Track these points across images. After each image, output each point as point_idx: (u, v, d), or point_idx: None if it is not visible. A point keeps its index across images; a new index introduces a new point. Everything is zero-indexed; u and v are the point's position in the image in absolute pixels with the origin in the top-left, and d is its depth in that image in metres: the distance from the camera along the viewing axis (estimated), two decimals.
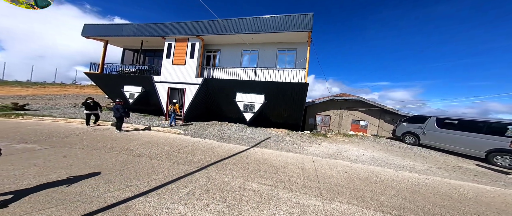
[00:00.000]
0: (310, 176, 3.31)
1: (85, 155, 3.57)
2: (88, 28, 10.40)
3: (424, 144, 6.75)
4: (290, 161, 4.19)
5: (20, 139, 4.35)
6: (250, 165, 3.72)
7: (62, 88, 24.31)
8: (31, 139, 4.40)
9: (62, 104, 12.73)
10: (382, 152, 5.77)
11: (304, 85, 7.50)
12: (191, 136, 6.33)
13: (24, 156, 3.30)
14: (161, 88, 9.54)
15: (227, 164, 3.69)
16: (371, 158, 4.91)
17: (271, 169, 3.55)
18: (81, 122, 7.10)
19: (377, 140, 8.17)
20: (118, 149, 4.13)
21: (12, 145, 3.92)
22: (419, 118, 7.26)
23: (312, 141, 6.87)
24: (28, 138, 4.48)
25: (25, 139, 4.38)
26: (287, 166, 3.79)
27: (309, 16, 7.09)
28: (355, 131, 12.44)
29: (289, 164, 3.93)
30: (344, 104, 12.96)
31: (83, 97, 18.29)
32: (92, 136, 5.14)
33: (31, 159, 3.18)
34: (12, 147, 3.74)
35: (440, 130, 6.25)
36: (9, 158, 3.15)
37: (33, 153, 3.49)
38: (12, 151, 3.52)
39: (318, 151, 5.37)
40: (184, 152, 4.32)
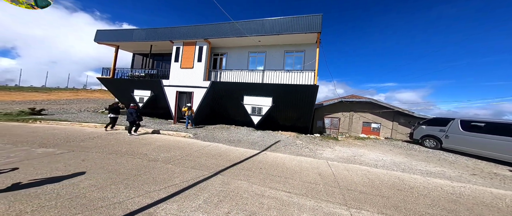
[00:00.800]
0: (329, 182, 3.21)
1: (102, 159, 3.67)
2: (100, 34, 10.91)
3: (447, 147, 6.41)
4: (305, 165, 4.09)
5: (40, 143, 4.55)
6: (264, 170, 3.67)
7: (75, 93, 25.48)
8: (50, 143, 4.59)
9: (76, 108, 13.31)
10: (402, 156, 5.53)
11: (313, 88, 7.40)
12: (201, 139, 6.38)
13: (45, 160, 3.43)
14: (170, 92, 9.76)
15: (241, 169, 3.65)
16: (392, 163, 4.71)
17: (287, 174, 3.47)
18: (95, 126, 7.36)
19: (393, 143, 7.86)
20: (133, 153, 4.22)
21: (32, 149, 4.11)
22: (440, 120, 6.92)
23: (324, 145, 6.71)
24: (47, 142, 4.68)
25: (44, 143, 4.58)
26: (303, 171, 3.70)
27: (318, 18, 7.06)
28: (367, 133, 12.06)
29: (305, 169, 3.83)
30: (354, 106, 12.65)
31: (94, 101, 19.06)
32: (106, 140, 5.29)
33: (52, 163, 3.30)
34: (32, 151, 3.91)
35: (465, 133, 5.92)
36: (31, 162, 3.29)
37: (53, 157, 3.63)
38: (34, 155, 3.67)
39: (332, 155, 5.23)
40: (196, 156, 4.34)
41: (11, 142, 4.56)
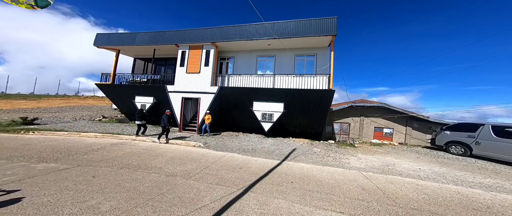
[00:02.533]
0: (381, 198, 2.95)
1: (115, 175, 3.33)
2: (100, 37, 10.72)
3: (478, 154, 6.25)
4: (338, 177, 3.84)
5: (38, 158, 4.17)
6: (297, 184, 3.41)
7: (66, 100, 24.78)
8: (50, 157, 4.21)
9: (70, 117, 12.77)
10: (437, 165, 5.34)
11: (329, 92, 7.30)
12: (213, 149, 6.08)
13: (50, 178, 3.08)
14: (175, 98, 9.48)
15: (270, 183, 3.38)
16: (434, 173, 4.50)
17: (325, 189, 3.22)
18: (95, 136, 6.97)
19: (414, 149, 7.71)
20: (146, 167, 3.89)
21: (31, 164, 3.73)
22: (466, 125, 6.84)
23: (344, 152, 6.49)
24: (46, 156, 4.29)
25: (44, 157, 4.20)
26: (341, 185, 3.44)
27: (333, 20, 7.10)
28: (379, 139, 11.94)
29: (341, 182, 3.58)
30: (365, 111, 12.61)
31: (89, 109, 18.47)
32: (113, 152, 4.93)
33: (59, 181, 2.96)
34: (33, 167, 3.54)
35: (499, 139, 5.80)
36: (34, 180, 2.93)
37: (59, 173, 3.28)
38: (34, 172, 3.31)
39: (360, 164, 5.01)
40: (215, 169, 4.05)
41: (5, 156, 4.16)
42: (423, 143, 11.14)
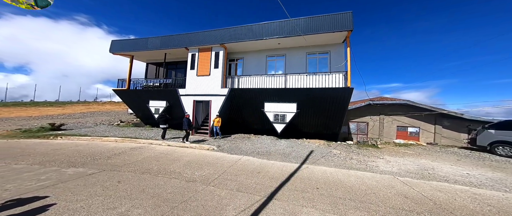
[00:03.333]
0: (435, 210, 2.62)
1: (138, 180, 3.46)
2: (115, 44, 11.36)
3: None
4: (370, 183, 3.60)
5: (68, 162, 4.48)
6: (324, 190, 3.25)
7: (87, 106, 26.71)
8: (77, 162, 4.51)
9: (91, 122, 13.72)
10: (488, 170, 4.82)
11: (347, 91, 6.97)
12: (227, 152, 6.10)
13: (80, 182, 3.28)
14: (187, 101, 9.73)
15: (294, 189, 3.27)
16: (489, 180, 4.05)
17: (358, 196, 3.01)
18: (115, 140, 7.37)
19: (449, 150, 7.07)
20: (165, 172, 3.99)
21: (62, 169, 4.01)
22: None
23: (367, 154, 6.15)
24: (74, 161, 4.60)
25: (72, 162, 4.50)
26: (376, 192, 3.20)
27: (348, 15, 6.78)
28: (403, 138, 11.18)
29: (375, 189, 3.34)
30: (385, 109, 11.90)
31: (107, 114, 19.75)
32: (133, 156, 5.16)
33: (88, 186, 3.13)
34: (63, 172, 3.80)
35: None
36: (67, 185, 3.13)
37: (87, 178, 3.48)
38: (66, 177, 3.55)
39: (392, 167, 4.69)
40: (233, 174, 4.03)
41: (38, 162, 4.53)
42: (457, 143, 10.20)
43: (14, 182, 3.23)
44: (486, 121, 9.60)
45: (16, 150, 5.58)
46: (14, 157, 4.85)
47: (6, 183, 3.17)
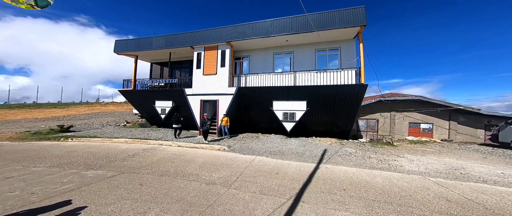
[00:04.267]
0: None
1: (158, 183, 3.53)
2: (119, 44, 11.41)
3: None
4: (402, 184, 3.54)
5: (85, 165, 4.59)
6: (352, 192, 3.23)
7: (90, 107, 27.11)
8: (95, 164, 4.61)
9: (97, 123, 13.96)
10: None
11: (361, 87, 6.92)
12: (239, 152, 6.16)
13: (103, 185, 3.36)
14: (193, 101, 9.79)
15: (319, 191, 3.26)
16: None
17: (393, 199, 2.93)
18: (125, 141, 7.50)
19: (470, 147, 7.01)
20: (183, 174, 4.06)
21: (82, 172, 4.12)
22: None
23: (385, 152, 6.14)
24: (91, 163, 4.71)
25: (89, 164, 4.61)
26: (412, 194, 3.12)
27: (361, 10, 6.67)
28: (415, 135, 11.10)
29: (409, 190, 3.27)
30: (396, 105, 11.78)
31: (111, 114, 20.05)
32: (147, 158, 5.26)
33: (112, 189, 3.21)
34: (84, 175, 3.91)
35: None
36: (91, 188, 3.22)
37: (109, 181, 3.57)
38: (87, 180, 3.64)
39: (418, 167, 4.64)
40: (251, 175, 4.07)
41: (56, 164, 4.65)
42: (474, 139, 10.09)
43: (38, 185, 3.33)
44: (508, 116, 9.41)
45: (31, 153, 5.73)
46: (31, 159, 4.99)
47: (30, 187, 3.28)
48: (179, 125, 8.24)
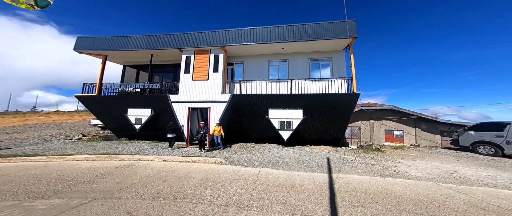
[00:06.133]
0: None
1: (154, 209, 2.72)
2: (82, 41, 9.75)
3: (510, 154, 6.72)
4: (423, 192, 3.55)
5: (27, 193, 3.28)
6: (385, 203, 3.06)
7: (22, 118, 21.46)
8: (44, 191, 3.34)
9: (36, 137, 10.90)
10: (495, 170, 5.39)
11: (354, 96, 7.51)
12: (239, 165, 5.59)
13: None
14: (180, 109, 8.80)
15: (351, 205, 2.98)
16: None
17: (432, 210, 2.85)
18: (86, 158, 5.93)
19: (440, 151, 8.04)
20: (182, 195, 3.29)
21: (25, 203, 2.89)
22: (491, 125, 7.47)
23: (380, 158, 6.53)
24: (37, 190, 3.40)
25: (35, 192, 3.31)
26: (443, 204, 3.09)
27: (352, 23, 7.57)
28: (391, 141, 12.50)
29: (437, 199, 3.27)
30: (374, 114, 13.28)
31: (56, 126, 16.13)
32: (126, 178, 4.16)
33: None
34: (30, 208, 2.73)
35: None
36: None
37: (77, 213, 2.55)
38: (38, 214, 2.54)
39: (420, 172, 4.93)
40: (265, 191, 3.60)
41: None
42: (433, 143, 11.99)
43: None
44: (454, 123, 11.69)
45: None
46: None
47: None
48: (174, 134, 7.86)
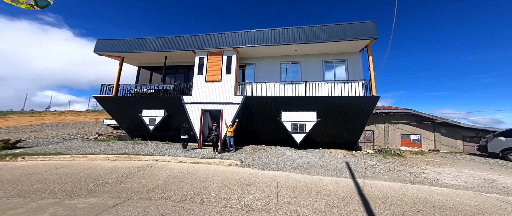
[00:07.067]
0: None
1: (185, 213, 2.83)
2: (102, 43, 10.22)
3: None
4: (470, 203, 3.34)
5: (64, 191, 3.51)
6: (429, 214, 2.95)
7: (38, 117, 22.67)
8: (78, 190, 3.56)
9: (54, 136, 11.51)
10: None
11: (373, 99, 7.41)
12: (255, 167, 5.67)
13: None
14: (193, 110, 9.02)
15: (388, 214, 2.92)
16: None
17: None
18: (107, 158, 6.22)
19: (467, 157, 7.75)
20: (208, 199, 3.39)
21: (65, 201, 3.10)
22: None
23: (403, 164, 6.40)
24: (71, 188, 3.64)
25: (70, 190, 3.54)
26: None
27: (372, 24, 7.49)
28: (407, 146, 12.17)
29: (488, 211, 3.08)
30: (389, 118, 12.98)
31: (71, 125, 16.95)
32: (150, 178, 4.35)
33: None
34: (71, 206, 2.93)
35: None
36: None
37: (116, 213, 2.72)
38: (81, 213, 2.72)
39: (455, 180, 4.75)
40: (290, 196, 3.63)
41: (15, 193, 3.44)
42: (454, 149, 11.55)
43: None
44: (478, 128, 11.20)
45: None
46: None
47: None
48: (186, 136, 8.02)
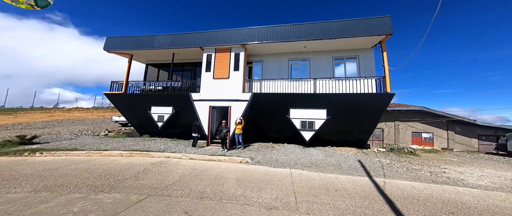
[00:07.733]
0: None
1: (206, 210, 2.92)
2: (112, 41, 10.37)
3: None
4: (505, 205, 3.30)
5: (88, 186, 3.68)
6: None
7: (48, 113, 23.43)
8: (100, 185, 3.73)
9: (66, 132, 11.93)
10: None
11: (387, 96, 7.29)
12: (266, 165, 5.76)
13: (135, 214, 2.66)
14: (201, 107, 9.13)
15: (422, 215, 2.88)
16: None
17: None
18: (121, 154, 6.44)
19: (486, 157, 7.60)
20: (226, 196, 3.47)
21: (91, 196, 3.26)
22: None
23: (419, 163, 6.36)
24: (93, 183, 3.81)
25: (93, 185, 3.71)
26: None
27: (387, 19, 7.29)
28: (418, 144, 12.00)
29: None
30: (400, 115, 12.77)
31: (80, 122, 17.48)
32: (165, 175, 4.49)
33: None
34: (98, 201, 3.08)
35: None
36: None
37: (141, 209, 2.84)
38: (108, 208, 2.86)
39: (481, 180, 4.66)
40: (309, 194, 3.67)
41: (41, 187, 3.63)
42: (469, 147, 11.31)
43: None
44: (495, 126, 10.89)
45: None
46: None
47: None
48: (197, 134, 8.03)
